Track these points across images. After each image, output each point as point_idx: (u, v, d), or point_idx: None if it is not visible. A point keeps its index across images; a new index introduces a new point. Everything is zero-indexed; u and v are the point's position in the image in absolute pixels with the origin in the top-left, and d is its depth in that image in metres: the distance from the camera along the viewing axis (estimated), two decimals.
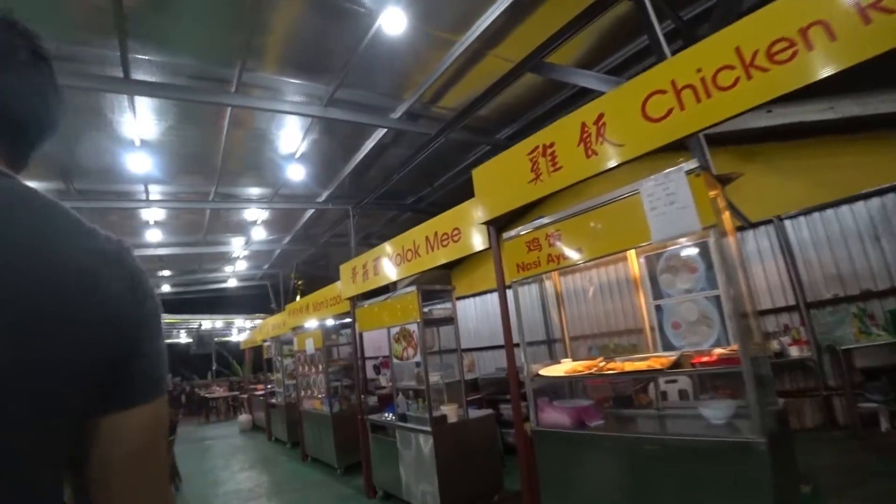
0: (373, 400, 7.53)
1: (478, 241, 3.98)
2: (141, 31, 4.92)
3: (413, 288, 4.87)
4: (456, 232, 4.22)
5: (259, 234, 11.36)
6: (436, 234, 4.50)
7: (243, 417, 12.10)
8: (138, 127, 6.49)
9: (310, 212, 10.72)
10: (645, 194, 2.68)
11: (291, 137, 7.44)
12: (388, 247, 5.37)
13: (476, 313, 9.57)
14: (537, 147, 3.16)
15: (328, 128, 7.28)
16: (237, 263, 14.45)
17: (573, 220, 3.08)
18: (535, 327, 8.15)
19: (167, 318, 16.89)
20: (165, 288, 15.76)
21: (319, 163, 8.40)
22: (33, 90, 0.73)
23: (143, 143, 6.91)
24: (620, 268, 5.20)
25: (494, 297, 8.48)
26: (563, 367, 3.37)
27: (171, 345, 21.14)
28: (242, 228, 11.37)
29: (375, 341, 9.95)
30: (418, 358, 4.87)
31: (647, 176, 2.70)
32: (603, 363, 3.18)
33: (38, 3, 4.35)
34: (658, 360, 2.85)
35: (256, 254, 13.88)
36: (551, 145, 3.07)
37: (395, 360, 5.26)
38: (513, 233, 3.53)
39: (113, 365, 0.62)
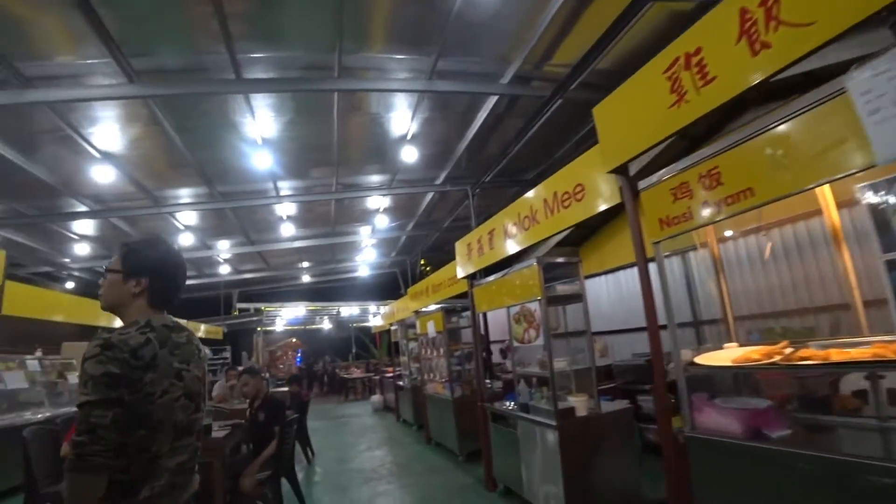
0: (499, 385, 7.05)
1: (607, 195, 3.18)
2: (245, 31, 4.96)
3: (532, 261, 4.22)
4: (579, 189, 3.46)
5: (382, 221, 11.45)
6: (555, 195, 3.78)
7: (375, 398, 12.44)
8: (258, 126, 6.73)
9: (429, 195, 10.53)
10: (857, 93, 1.74)
11: (401, 118, 7.14)
12: (503, 216, 4.77)
13: (608, 293, 8.52)
14: (677, 59, 2.32)
15: (437, 104, 6.86)
16: (366, 252, 14.91)
17: (738, 151, 2.19)
18: (677, 308, 7.04)
19: (310, 306, 18.21)
20: (306, 278, 16.89)
21: (433, 142, 8.05)
22: None
23: (265, 141, 7.13)
24: (788, 229, 4.00)
25: (629, 274, 7.43)
26: (730, 354, 2.49)
27: (315, 330, 22.86)
28: (367, 217, 11.56)
29: (502, 323, 9.47)
30: (540, 340, 4.22)
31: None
32: (790, 349, 2.26)
33: (154, 22, 4.67)
34: (888, 346, 1.88)
35: (383, 242, 14.16)
36: (697, 52, 2.22)
37: (515, 343, 4.66)
38: (653, 178, 2.69)
39: None
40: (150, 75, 5.36)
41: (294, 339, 20.30)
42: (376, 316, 18.15)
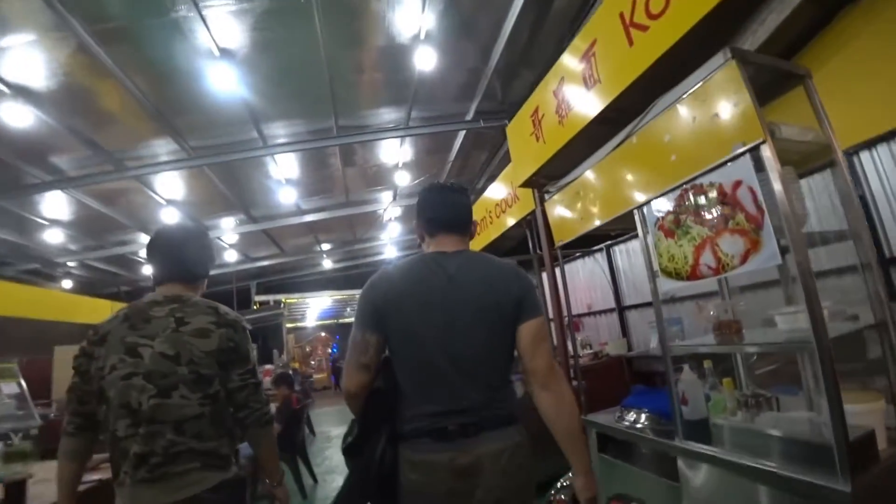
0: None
1: None
2: None
3: (724, 56, 1.56)
4: None
5: (403, 179, 8.84)
6: None
7: None
8: (211, 28, 4.35)
9: (457, 142, 7.89)
10: None
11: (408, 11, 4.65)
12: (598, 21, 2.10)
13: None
14: None
15: None
16: (391, 228, 12.32)
17: None
18: None
19: (335, 295, 15.81)
20: (328, 264, 14.47)
21: (454, 54, 5.51)
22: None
23: (224, 52, 4.74)
24: None
25: None
26: None
27: (348, 324, 20.57)
28: (385, 178, 8.99)
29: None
30: (754, 263, 1.53)
31: None
32: None
33: None
34: None
35: (410, 211, 11.59)
36: None
37: (668, 284, 2.13)
38: None
39: (517, 304, 1.40)
40: None
41: (324, 334, 18.05)
42: None
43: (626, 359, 6.13)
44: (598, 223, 2.32)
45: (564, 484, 1.52)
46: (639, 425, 2.16)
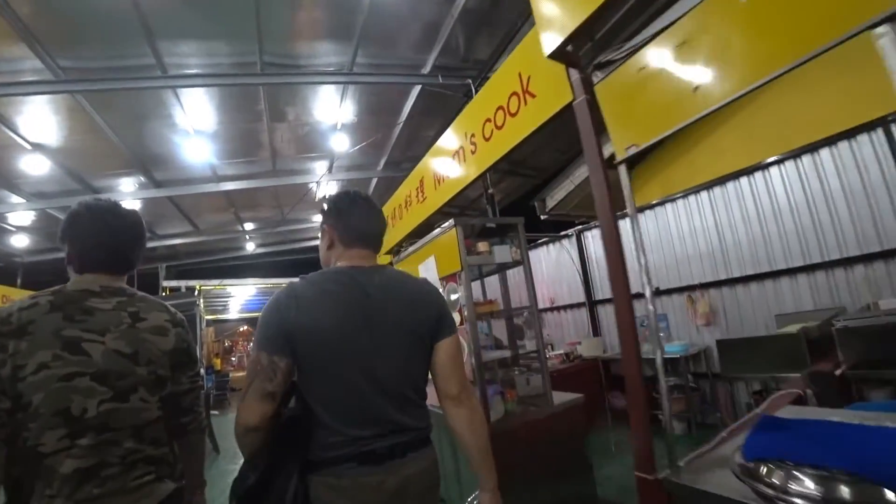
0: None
1: None
2: None
3: None
4: None
5: (342, 144, 7.39)
6: None
7: None
8: None
9: (409, 103, 6.67)
10: None
11: None
12: None
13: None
14: None
15: None
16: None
17: None
18: None
19: (259, 284, 13.94)
20: (251, 247, 12.57)
21: None
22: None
23: None
24: None
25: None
26: None
27: None
28: (320, 141, 7.51)
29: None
30: None
31: None
32: None
33: None
34: None
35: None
36: None
37: None
38: None
39: (436, 322, 1.42)
40: None
41: (245, 328, 16.04)
42: None
43: (602, 362, 5.12)
44: (735, 95, 1.11)
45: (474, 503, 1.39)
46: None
